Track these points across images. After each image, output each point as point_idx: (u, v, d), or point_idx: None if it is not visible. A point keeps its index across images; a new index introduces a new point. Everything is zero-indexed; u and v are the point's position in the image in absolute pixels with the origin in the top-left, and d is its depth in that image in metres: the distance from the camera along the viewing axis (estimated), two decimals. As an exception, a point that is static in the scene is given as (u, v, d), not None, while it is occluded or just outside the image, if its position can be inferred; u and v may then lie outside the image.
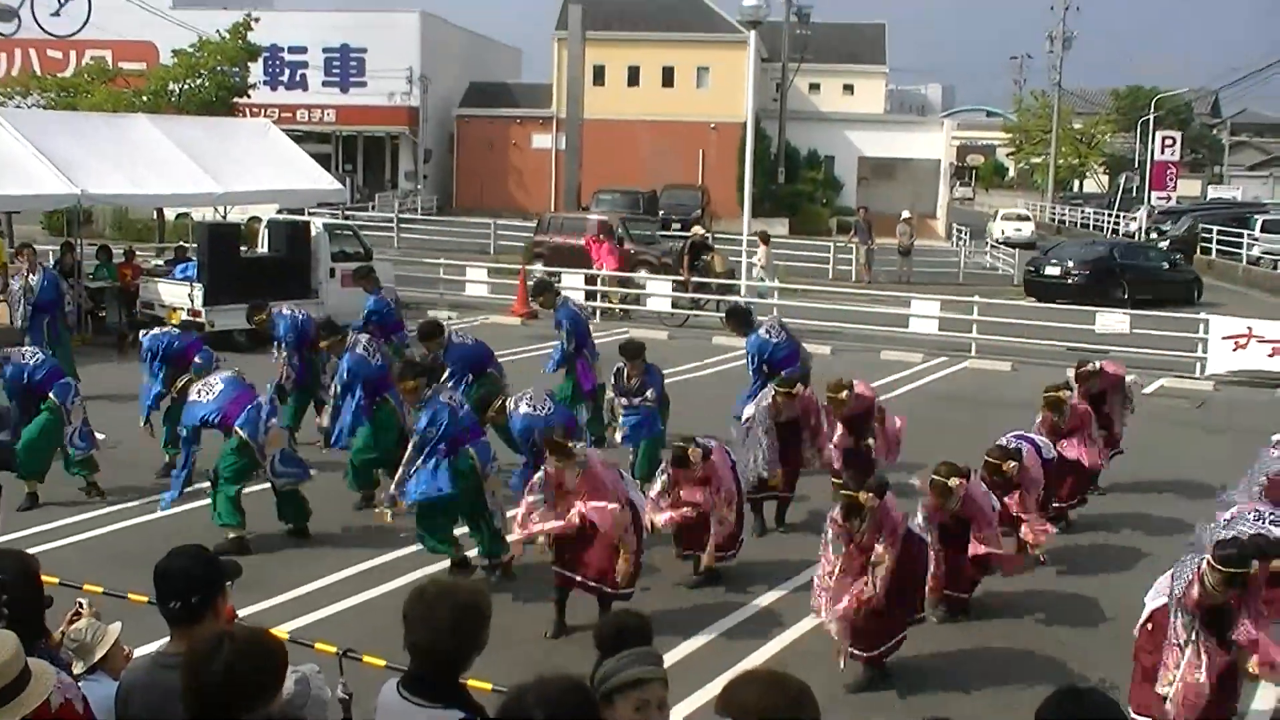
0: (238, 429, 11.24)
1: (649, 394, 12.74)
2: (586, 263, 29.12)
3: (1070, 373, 13.61)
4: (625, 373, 12.88)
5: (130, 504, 12.46)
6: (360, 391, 12.71)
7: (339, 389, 12.93)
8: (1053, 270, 34.78)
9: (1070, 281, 33.77)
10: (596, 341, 15.46)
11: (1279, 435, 10.71)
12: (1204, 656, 7.04)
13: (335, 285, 23.07)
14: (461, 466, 10.38)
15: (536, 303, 15.45)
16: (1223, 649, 7.14)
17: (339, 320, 14.67)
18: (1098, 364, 13.80)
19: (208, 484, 11.63)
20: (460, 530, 10.77)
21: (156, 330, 14.13)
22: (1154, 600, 7.58)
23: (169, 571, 4.52)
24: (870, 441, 12.61)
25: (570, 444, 9.37)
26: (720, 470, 10.37)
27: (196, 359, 13.27)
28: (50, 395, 12.38)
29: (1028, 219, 58.63)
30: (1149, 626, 7.53)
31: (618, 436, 13.04)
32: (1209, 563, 6.96)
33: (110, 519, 12.16)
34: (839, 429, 12.58)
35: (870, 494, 8.37)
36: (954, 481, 9.29)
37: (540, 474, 9.52)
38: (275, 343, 14.95)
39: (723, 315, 14.47)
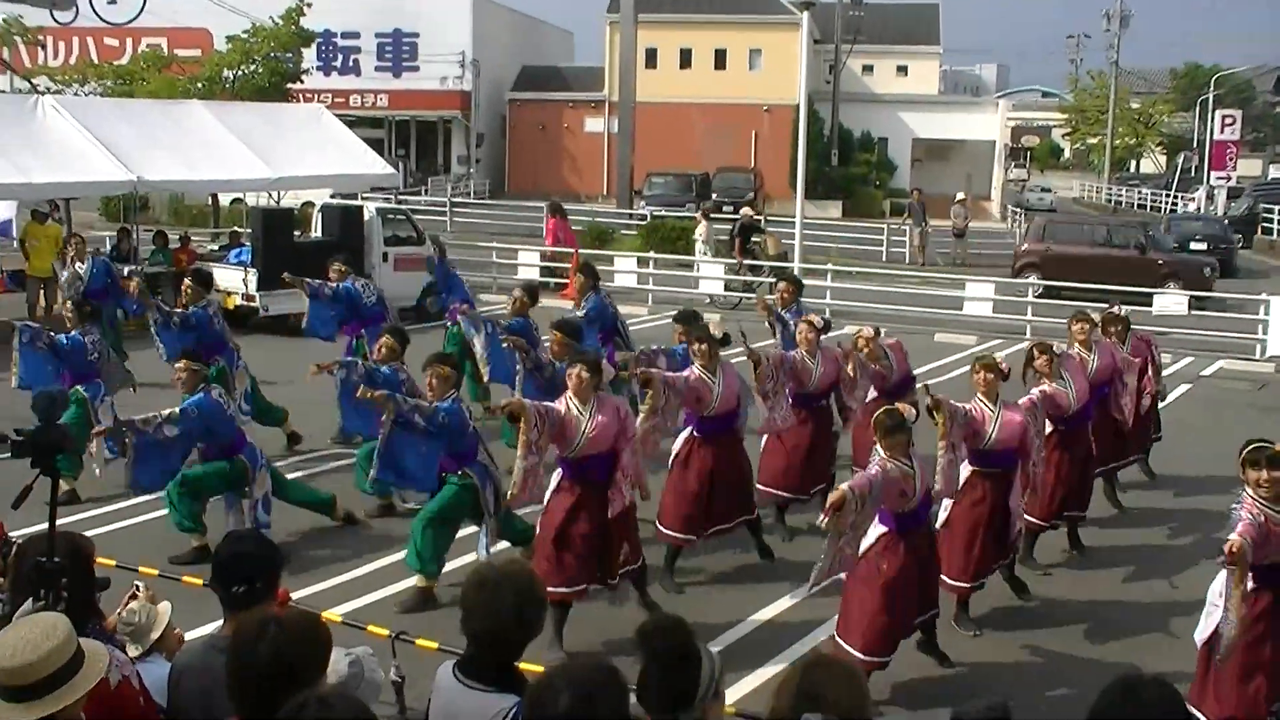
0: (244, 457, 10.96)
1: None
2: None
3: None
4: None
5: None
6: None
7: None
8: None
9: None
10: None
11: None
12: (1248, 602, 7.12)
13: (388, 269, 23.16)
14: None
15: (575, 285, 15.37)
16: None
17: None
18: (1122, 309, 13.61)
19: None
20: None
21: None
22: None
23: (234, 556, 4.58)
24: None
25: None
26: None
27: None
28: (79, 387, 12.43)
29: (1049, 190, 68.06)
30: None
31: None
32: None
33: (159, 504, 12.21)
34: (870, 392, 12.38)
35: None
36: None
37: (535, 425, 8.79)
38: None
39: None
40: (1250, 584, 7.12)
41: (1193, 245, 35.68)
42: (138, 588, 5.50)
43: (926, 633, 8.81)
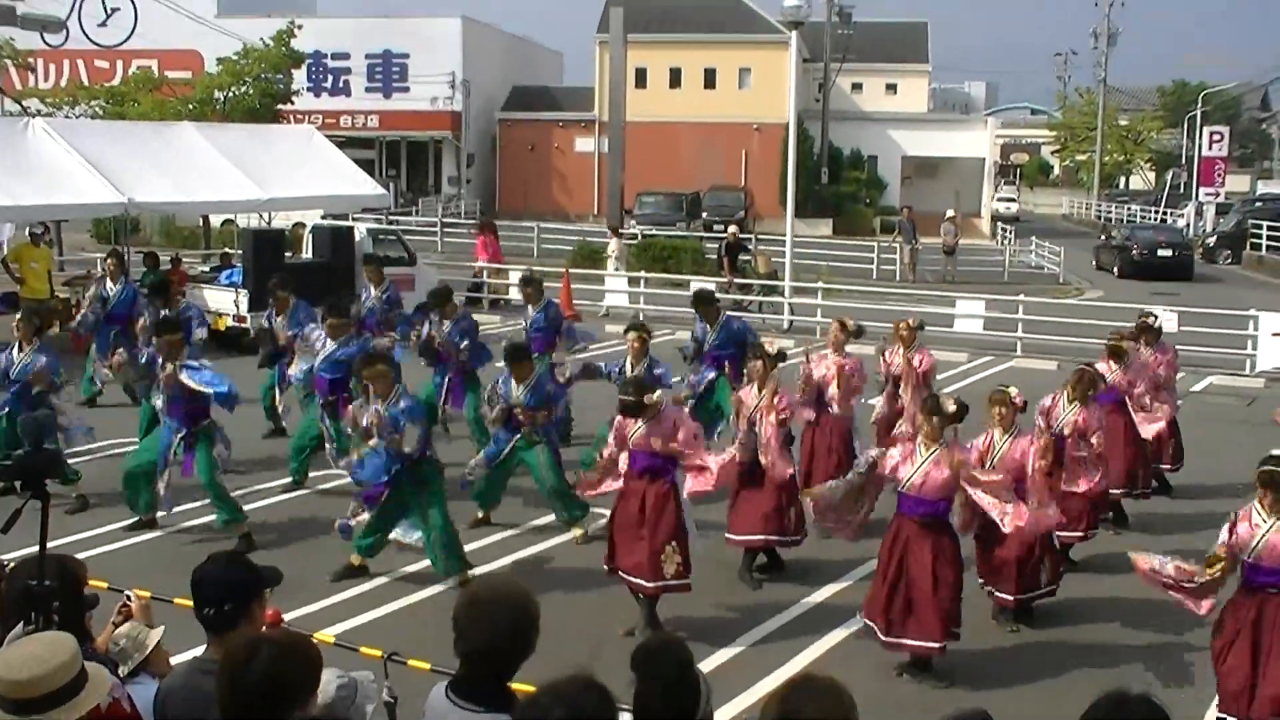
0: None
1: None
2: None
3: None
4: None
5: (179, 508, 12.49)
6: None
7: None
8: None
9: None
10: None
11: None
12: None
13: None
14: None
15: (523, 294, 15.81)
16: None
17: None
18: (1158, 320, 14.00)
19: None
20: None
21: None
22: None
23: (202, 578, 4.55)
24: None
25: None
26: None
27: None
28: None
29: (1013, 200, 70.95)
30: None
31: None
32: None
33: (158, 524, 12.24)
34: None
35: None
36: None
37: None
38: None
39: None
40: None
41: (1159, 252, 41.26)
42: (129, 598, 5.49)
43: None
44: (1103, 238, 47.01)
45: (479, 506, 12.36)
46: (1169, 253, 41.51)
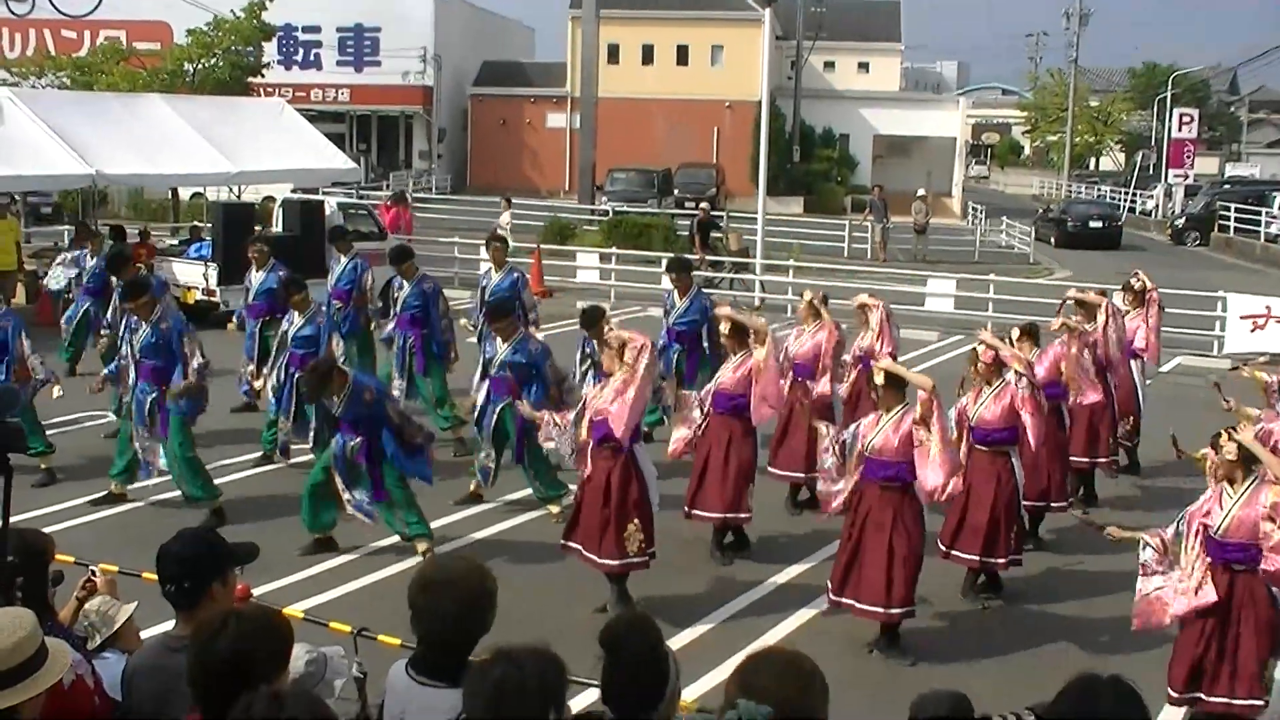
0: None
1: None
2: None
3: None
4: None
5: (147, 483, 12.42)
6: None
7: None
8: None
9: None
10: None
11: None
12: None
13: (349, 264, 23.03)
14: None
15: (490, 252, 15.88)
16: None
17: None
18: (1142, 280, 14.10)
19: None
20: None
21: None
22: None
23: (163, 556, 4.50)
24: None
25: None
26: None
27: None
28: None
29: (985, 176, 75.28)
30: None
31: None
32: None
33: (127, 497, 12.18)
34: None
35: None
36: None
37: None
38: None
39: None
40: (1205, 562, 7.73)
41: (1091, 224, 46.20)
42: (93, 573, 5.46)
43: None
44: (1042, 210, 51.94)
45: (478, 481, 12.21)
46: (1099, 224, 46.35)
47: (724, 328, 11.25)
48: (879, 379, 9.03)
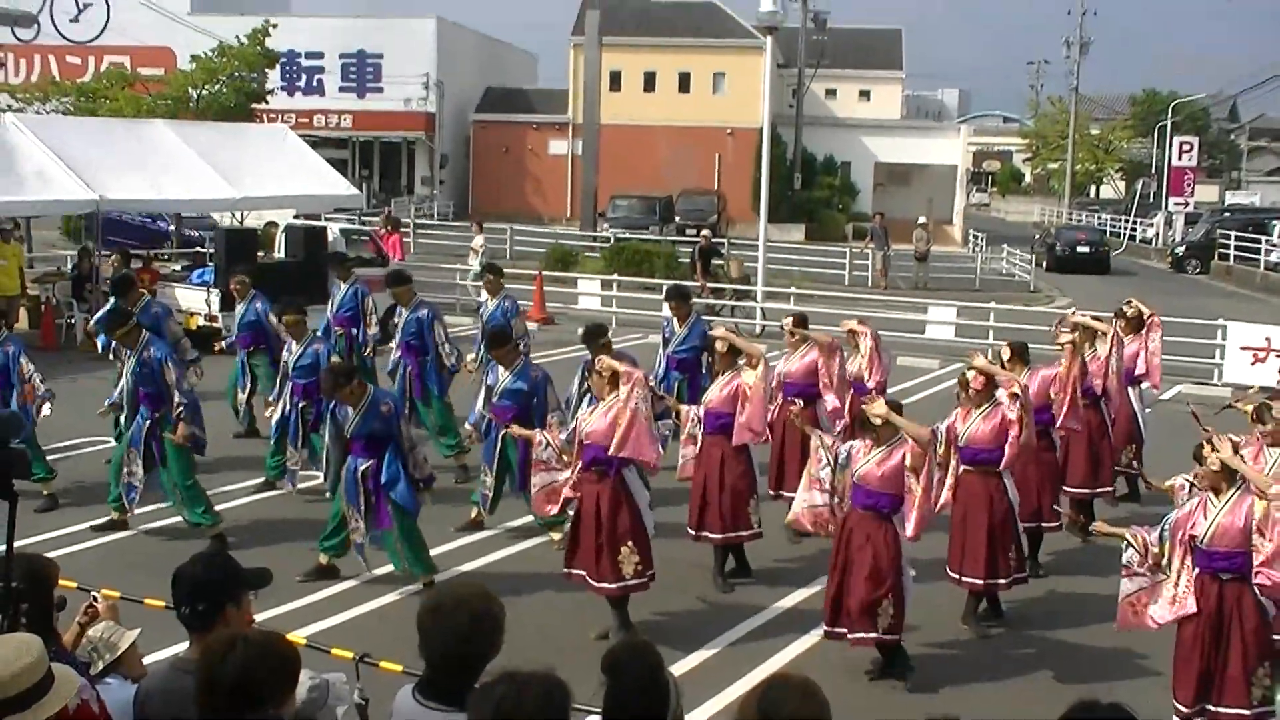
0: None
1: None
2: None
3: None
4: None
5: (149, 508, 12.44)
6: None
7: None
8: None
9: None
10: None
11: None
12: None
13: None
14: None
15: (485, 284, 15.99)
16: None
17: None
18: (1136, 307, 14.14)
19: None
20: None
21: None
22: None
23: (179, 578, 4.55)
24: None
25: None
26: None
27: None
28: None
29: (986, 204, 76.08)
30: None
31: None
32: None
33: (129, 524, 12.18)
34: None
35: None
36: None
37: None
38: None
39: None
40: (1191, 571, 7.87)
41: (1079, 249, 48.00)
42: (95, 598, 5.47)
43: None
44: (1038, 237, 53.35)
45: (480, 507, 12.24)
46: (1087, 249, 48.45)
47: (719, 346, 11.29)
48: (877, 422, 9.04)
